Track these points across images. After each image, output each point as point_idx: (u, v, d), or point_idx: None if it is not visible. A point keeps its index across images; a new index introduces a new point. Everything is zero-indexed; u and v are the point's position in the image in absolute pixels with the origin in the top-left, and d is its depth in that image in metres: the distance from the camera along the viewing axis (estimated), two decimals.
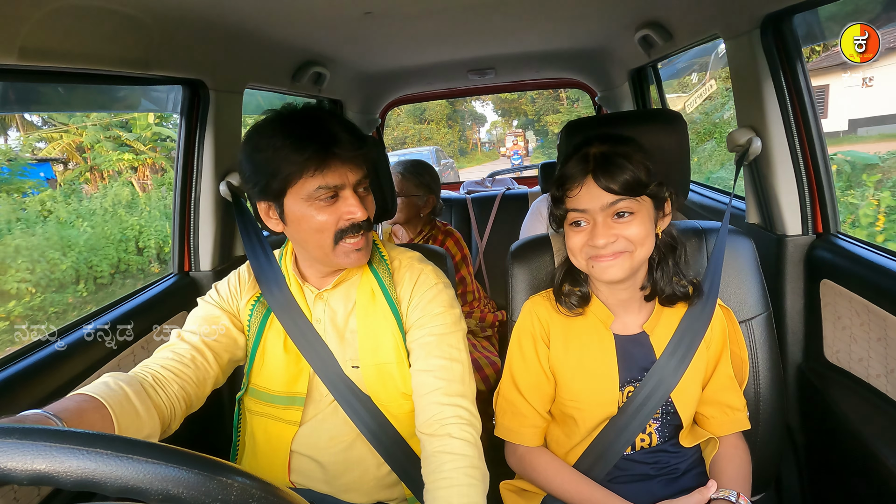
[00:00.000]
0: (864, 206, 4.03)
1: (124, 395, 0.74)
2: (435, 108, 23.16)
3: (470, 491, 0.78)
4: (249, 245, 1.04)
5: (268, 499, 0.37)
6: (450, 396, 0.86)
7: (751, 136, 1.22)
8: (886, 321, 0.97)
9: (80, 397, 0.70)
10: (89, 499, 0.44)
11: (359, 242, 0.87)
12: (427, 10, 1.39)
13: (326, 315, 0.95)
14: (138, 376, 0.81)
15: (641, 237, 0.83)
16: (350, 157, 0.84)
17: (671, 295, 0.90)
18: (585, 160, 0.85)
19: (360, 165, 0.86)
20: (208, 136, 1.36)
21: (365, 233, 0.88)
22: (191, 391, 0.85)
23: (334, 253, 0.87)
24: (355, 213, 0.85)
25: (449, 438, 0.82)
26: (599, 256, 0.84)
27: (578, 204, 0.85)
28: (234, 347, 0.94)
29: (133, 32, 1.06)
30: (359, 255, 0.89)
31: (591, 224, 0.85)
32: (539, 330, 0.95)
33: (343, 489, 0.94)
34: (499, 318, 1.96)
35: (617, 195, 0.81)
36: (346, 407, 0.92)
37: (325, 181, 0.83)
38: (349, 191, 0.85)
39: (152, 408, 0.77)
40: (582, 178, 0.84)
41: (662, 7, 1.52)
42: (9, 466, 0.34)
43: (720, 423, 0.92)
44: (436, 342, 0.90)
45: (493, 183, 3.46)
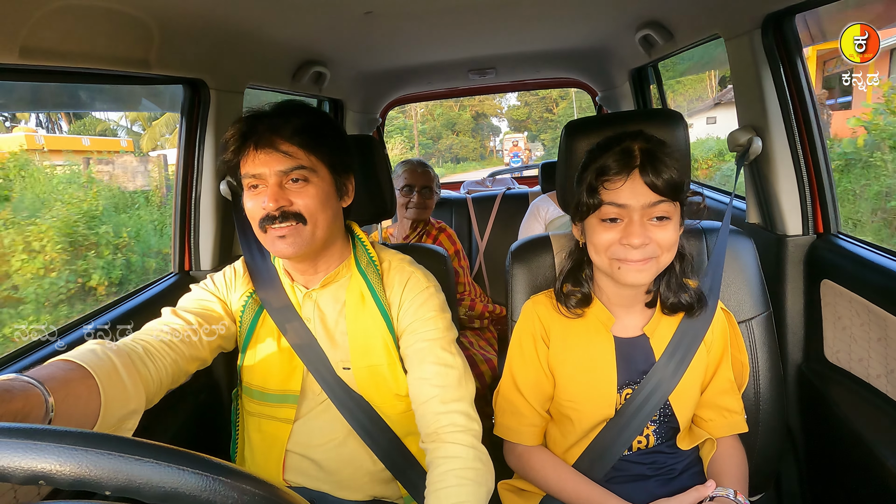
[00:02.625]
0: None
1: (112, 365, 0.71)
2: (464, 122, 27.41)
3: (460, 491, 0.78)
4: (246, 244, 1.05)
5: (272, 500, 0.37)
6: (446, 404, 0.86)
7: (751, 136, 1.22)
8: (886, 321, 0.97)
9: (66, 365, 0.67)
10: (90, 498, 0.44)
11: (281, 230, 0.86)
12: (427, 9, 1.39)
13: (316, 315, 0.96)
14: (128, 346, 0.79)
15: (671, 243, 0.82)
16: (279, 146, 0.85)
17: (675, 304, 0.89)
18: (630, 154, 0.81)
19: (294, 156, 0.85)
20: (209, 135, 1.36)
21: (295, 223, 0.86)
22: (181, 365, 0.86)
23: (266, 240, 0.89)
24: (265, 203, 0.85)
25: (444, 445, 0.83)
26: (628, 260, 0.82)
27: (618, 198, 0.81)
28: (225, 332, 0.95)
29: (133, 32, 1.06)
30: (282, 242, 0.86)
31: (626, 222, 0.81)
32: (539, 329, 0.95)
33: (338, 486, 0.95)
34: (489, 309, 1.98)
35: (660, 195, 0.79)
36: (339, 405, 0.93)
37: (246, 169, 0.87)
38: (274, 180, 0.85)
39: (139, 381, 0.75)
40: (627, 172, 0.80)
41: (663, 7, 1.52)
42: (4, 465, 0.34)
43: (718, 426, 0.92)
44: (429, 348, 0.90)
45: (493, 183, 3.46)
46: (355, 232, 1.01)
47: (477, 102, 27.27)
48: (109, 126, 14.83)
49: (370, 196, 1.20)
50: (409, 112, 25.77)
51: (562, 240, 1.07)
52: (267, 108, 0.89)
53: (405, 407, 0.93)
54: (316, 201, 0.87)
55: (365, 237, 1.00)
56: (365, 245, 0.99)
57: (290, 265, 0.97)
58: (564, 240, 1.05)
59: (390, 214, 1.27)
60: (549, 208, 2.03)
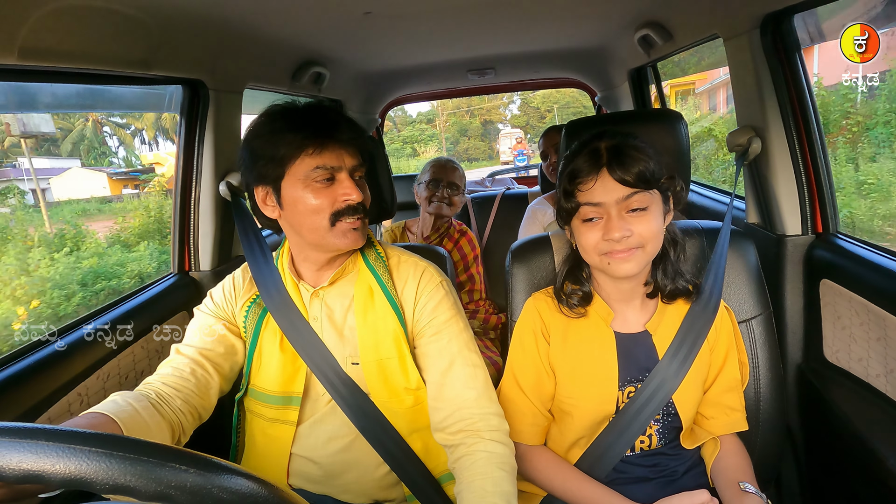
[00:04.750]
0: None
1: (133, 409, 0.76)
2: (475, 128, 32.22)
3: (505, 478, 0.83)
4: (247, 244, 1.05)
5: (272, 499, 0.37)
6: (481, 406, 0.89)
7: (750, 136, 1.22)
8: (886, 321, 0.97)
9: (91, 415, 0.72)
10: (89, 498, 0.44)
11: (356, 223, 0.88)
12: (427, 10, 1.39)
13: (323, 313, 0.95)
14: (142, 392, 0.83)
15: (654, 232, 0.84)
16: (347, 141, 0.86)
17: (673, 290, 0.90)
18: (597, 154, 0.84)
19: (356, 153, 0.88)
20: (208, 135, 1.36)
21: (362, 217, 0.89)
22: (195, 403, 0.87)
23: (331, 233, 0.88)
24: (351, 195, 0.86)
25: (484, 441, 0.87)
26: (614, 252, 0.84)
27: (592, 197, 0.84)
28: (232, 354, 0.95)
29: (133, 32, 1.06)
30: (356, 234, 0.89)
31: (605, 218, 0.84)
32: (540, 325, 0.95)
33: (341, 490, 0.94)
34: (502, 321, 1.96)
35: (632, 187, 0.81)
36: (343, 405, 0.92)
37: (323, 161, 0.85)
38: (345, 173, 0.86)
39: (161, 421, 0.79)
40: (596, 172, 0.83)
41: (662, 7, 1.52)
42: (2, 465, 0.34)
43: (719, 424, 0.92)
44: (456, 349, 0.93)
45: (492, 183, 3.46)
46: None
47: (485, 111, 32.42)
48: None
49: (370, 196, 1.20)
50: (434, 123, 32.20)
51: (562, 239, 1.07)
52: (306, 102, 0.90)
53: (413, 401, 0.93)
54: (369, 196, 0.92)
55: (371, 233, 1.00)
56: (371, 240, 0.99)
57: (308, 263, 0.96)
58: (564, 239, 1.05)
59: (391, 215, 1.27)
60: (548, 211, 2.02)
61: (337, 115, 0.88)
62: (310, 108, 0.88)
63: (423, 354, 0.94)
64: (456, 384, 0.91)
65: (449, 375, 0.91)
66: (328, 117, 0.86)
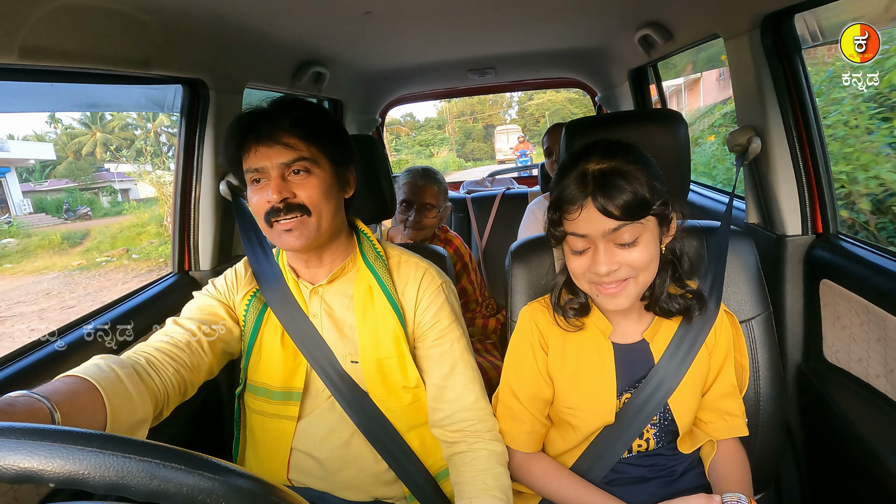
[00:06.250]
0: None
1: (116, 377, 0.71)
2: (478, 131, 35.16)
3: (501, 476, 0.88)
4: (248, 243, 1.05)
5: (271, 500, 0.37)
6: (480, 409, 0.94)
7: (750, 136, 1.22)
8: (886, 321, 0.97)
9: (70, 379, 0.68)
10: (88, 498, 0.44)
11: (289, 224, 0.86)
12: (427, 9, 1.39)
13: (323, 310, 0.96)
14: (131, 359, 0.79)
15: (646, 262, 0.79)
16: (280, 139, 0.85)
17: (665, 310, 0.87)
18: (584, 179, 0.78)
19: (301, 144, 0.86)
20: (208, 135, 1.36)
21: (300, 215, 0.86)
22: (185, 375, 0.85)
23: (272, 235, 0.89)
24: (269, 196, 0.85)
25: (486, 441, 0.91)
26: (602, 285, 0.81)
27: (577, 228, 0.79)
28: (228, 337, 0.95)
29: (133, 32, 1.06)
30: (289, 236, 0.86)
31: (593, 249, 0.80)
32: (538, 337, 0.93)
33: (341, 486, 0.95)
34: (500, 321, 1.95)
35: (618, 220, 0.76)
36: (342, 402, 0.93)
37: (249, 164, 0.87)
38: (276, 172, 0.86)
39: (145, 391, 0.75)
40: (581, 200, 0.77)
41: (662, 7, 1.52)
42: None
43: (717, 429, 0.91)
44: (458, 353, 0.95)
45: (492, 183, 3.46)
46: (359, 227, 1.01)
47: (486, 117, 35.44)
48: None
49: (370, 196, 1.20)
50: (444, 128, 35.45)
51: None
52: (265, 105, 0.90)
53: (411, 399, 0.94)
54: (319, 192, 0.87)
55: (370, 232, 1.00)
56: (371, 240, 0.99)
57: (295, 260, 0.97)
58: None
59: (391, 214, 1.27)
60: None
61: (278, 112, 0.87)
62: (264, 107, 0.89)
63: (424, 357, 0.96)
64: (457, 387, 0.93)
65: (451, 378, 0.94)
66: (264, 116, 0.86)
